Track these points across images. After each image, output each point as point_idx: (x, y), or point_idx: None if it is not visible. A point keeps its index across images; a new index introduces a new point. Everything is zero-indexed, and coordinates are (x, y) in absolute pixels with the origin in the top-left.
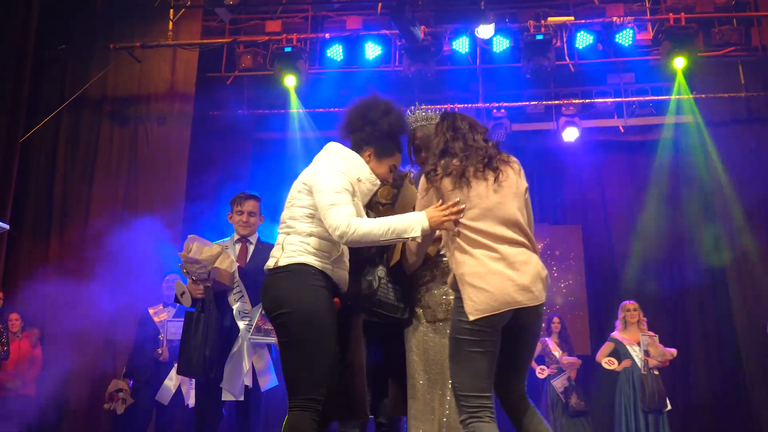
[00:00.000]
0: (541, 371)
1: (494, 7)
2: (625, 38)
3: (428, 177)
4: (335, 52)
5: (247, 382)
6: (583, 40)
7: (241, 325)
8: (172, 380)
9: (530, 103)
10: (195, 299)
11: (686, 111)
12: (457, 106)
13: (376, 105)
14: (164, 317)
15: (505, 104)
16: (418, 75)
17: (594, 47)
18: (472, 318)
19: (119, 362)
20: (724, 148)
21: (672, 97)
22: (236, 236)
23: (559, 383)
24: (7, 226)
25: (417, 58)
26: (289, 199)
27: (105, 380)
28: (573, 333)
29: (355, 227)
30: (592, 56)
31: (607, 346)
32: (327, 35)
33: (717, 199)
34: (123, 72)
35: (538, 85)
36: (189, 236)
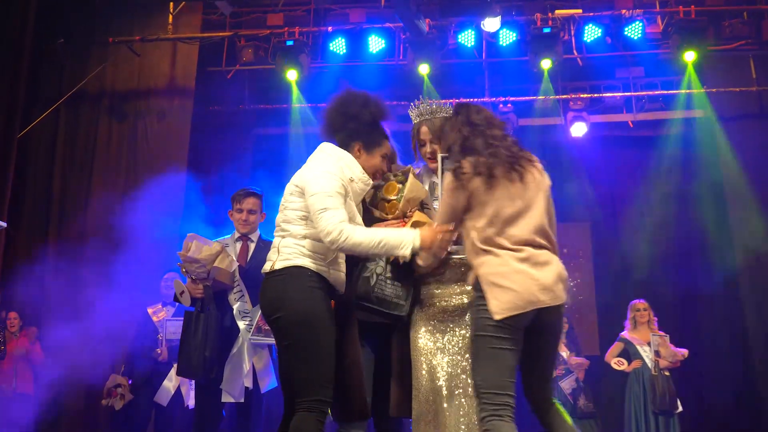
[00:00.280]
0: None
1: None
2: (634, 31)
3: (457, 175)
4: (338, 46)
5: (248, 384)
6: (592, 33)
7: (241, 325)
8: (172, 381)
9: (537, 97)
10: (194, 299)
11: (697, 105)
12: (463, 101)
13: (353, 98)
14: (163, 316)
15: (512, 98)
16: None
17: (602, 40)
18: (498, 317)
19: (118, 361)
20: (735, 144)
21: (682, 91)
22: (237, 234)
23: (567, 384)
24: (4, 224)
25: (422, 52)
26: (282, 202)
27: (104, 379)
28: (581, 333)
29: (347, 235)
30: (601, 50)
31: (617, 347)
32: (329, 28)
33: (729, 196)
34: (122, 66)
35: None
36: (188, 235)
